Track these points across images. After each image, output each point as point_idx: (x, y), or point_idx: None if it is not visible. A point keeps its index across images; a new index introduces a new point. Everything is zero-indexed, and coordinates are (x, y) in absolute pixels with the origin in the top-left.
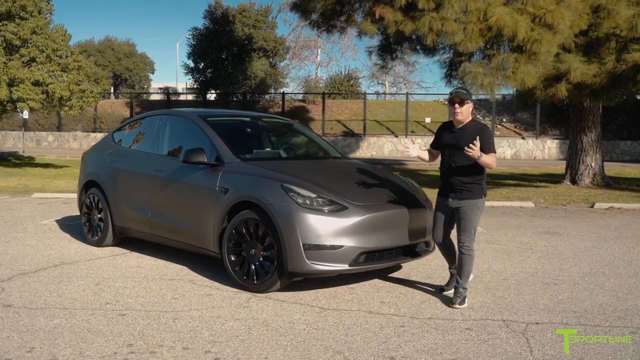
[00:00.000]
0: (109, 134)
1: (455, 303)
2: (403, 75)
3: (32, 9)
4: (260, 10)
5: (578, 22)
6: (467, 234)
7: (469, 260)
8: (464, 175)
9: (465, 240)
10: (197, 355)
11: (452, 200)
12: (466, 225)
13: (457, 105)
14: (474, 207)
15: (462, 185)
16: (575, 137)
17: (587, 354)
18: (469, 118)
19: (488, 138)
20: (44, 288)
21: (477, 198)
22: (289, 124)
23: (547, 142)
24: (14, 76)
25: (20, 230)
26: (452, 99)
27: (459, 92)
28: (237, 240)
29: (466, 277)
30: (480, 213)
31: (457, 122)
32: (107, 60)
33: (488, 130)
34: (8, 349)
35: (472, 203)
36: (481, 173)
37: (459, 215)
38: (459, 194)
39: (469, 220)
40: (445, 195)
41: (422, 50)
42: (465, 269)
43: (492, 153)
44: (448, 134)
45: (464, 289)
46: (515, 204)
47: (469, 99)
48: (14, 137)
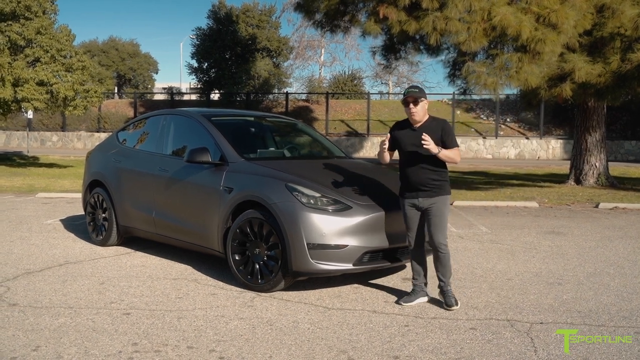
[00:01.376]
0: (113, 134)
1: (452, 304)
2: (407, 75)
3: (36, 9)
4: (264, 10)
5: (582, 21)
6: (442, 232)
7: (449, 258)
8: (432, 172)
9: (441, 238)
10: (201, 354)
11: (422, 199)
12: (440, 222)
13: (412, 105)
14: (445, 203)
15: (432, 183)
16: (580, 137)
17: (592, 354)
18: (426, 116)
19: (449, 133)
20: (49, 287)
21: (446, 194)
22: (293, 123)
23: (551, 142)
24: (18, 76)
25: (25, 229)
26: (405, 99)
27: (411, 92)
28: (241, 239)
29: (450, 274)
30: (448, 210)
31: (414, 121)
32: (111, 60)
33: (448, 125)
34: (14, 347)
35: (443, 199)
36: (446, 168)
37: (431, 214)
38: (429, 192)
39: (442, 217)
40: (413, 196)
41: (425, 50)
42: (447, 268)
43: (455, 147)
44: (408, 133)
45: (450, 287)
46: (519, 204)
47: (422, 97)
48: (18, 137)
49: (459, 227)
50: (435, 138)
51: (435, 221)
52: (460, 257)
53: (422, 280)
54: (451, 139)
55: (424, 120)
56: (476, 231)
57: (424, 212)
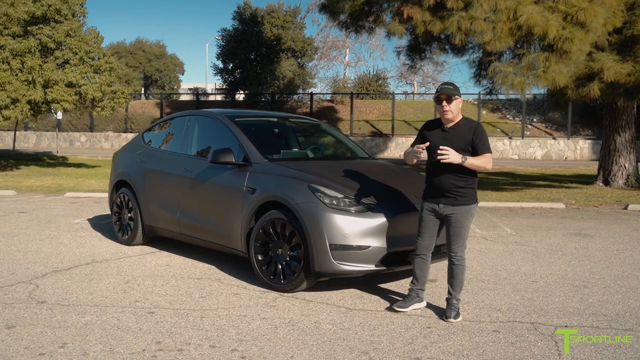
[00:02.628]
0: (139, 135)
1: (450, 317)
2: (432, 75)
3: (66, 12)
4: (289, 10)
5: (612, 19)
6: (460, 243)
7: (462, 271)
8: (457, 178)
9: (458, 249)
10: (224, 354)
11: (443, 206)
12: (459, 233)
13: (445, 103)
14: (467, 214)
15: (456, 190)
16: (608, 137)
17: (619, 357)
18: (460, 116)
19: (482, 137)
20: (76, 285)
21: (471, 204)
22: (316, 124)
23: (579, 143)
24: (48, 78)
25: (54, 228)
26: (438, 96)
27: (445, 89)
28: (264, 240)
29: (460, 288)
30: (471, 220)
31: (446, 120)
32: (138, 62)
33: (481, 128)
34: (42, 344)
35: (465, 209)
36: (475, 176)
37: (450, 223)
38: (452, 199)
39: (462, 228)
40: (435, 200)
41: (451, 50)
42: (458, 280)
43: (486, 154)
44: (438, 133)
45: (457, 301)
46: (545, 205)
47: (457, 95)
48: (48, 138)
49: (484, 228)
50: (466, 141)
51: (455, 231)
52: (484, 258)
53: (420, 287)
54: (483, 144)
55: (456, 121)
56: (501, 232)
57: (443, 219)
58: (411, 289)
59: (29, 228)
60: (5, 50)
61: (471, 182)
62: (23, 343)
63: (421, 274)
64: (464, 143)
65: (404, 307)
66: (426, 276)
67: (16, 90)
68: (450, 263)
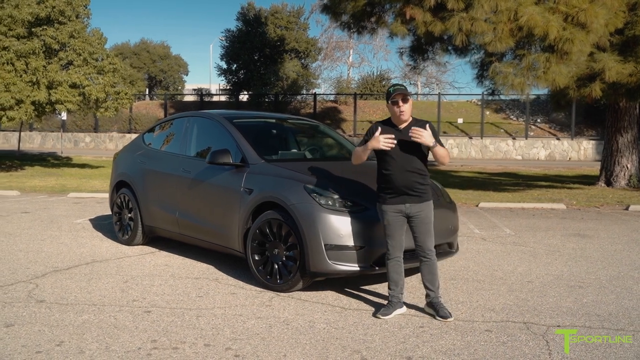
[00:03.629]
0: (139, 136)
1: (448, 317)
2: (435, 76)
3: (70, 13)
4: (293, 11)
5: (614, 20)
6: (431, 239)
7: (437, 266)
8: (419, 176)
9: (430, 244)
10: (217, 352)
11: (409, 205)
12: (429, 229)
13: (401, 103)
14: (431, 209)
15: (419, 188)
16: (611, 138)
17: (609, 356)
18: (410, 117)
19: (435, 133)
20: (75, 285)
21: (430, 199)
22: (314, 125)
23: (583, 143)
24: (52, 79)
25: (56, 228)
26: (394, 97)
27: (399, 89)
28: (261, 240)
29: (438, 284)
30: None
31: (400, 121)
32: (142, 63)
33: (432, 125)
34: (39, 342)
35: (429, 204)
36: (428, 173)
37: (419, 221)
38: (417, 197)
39: (430, 223)
40: (399, 201)
41: (453, 50)
42: (436, 276)
43: (442, 147)
44: (393, 134)
45: (441, 299)
46: (546, 206)
47: (409, 95)
48: (53, 138)
49: (483, 228)
50: None
51: (425, 227)
52: (481, 259)
53: (399, 291)
54: (439, 139)
55: (409, 121)
56: (499, 233)
57: (410, 218)
58: (392, 295)
59: (31, 228)
60: (9, 52)
61: (427, 179)
62: (20, 341)
63: (399, 277)
64: (418, 142)
65: (386, 314)
66: (403, 279)
67: (20, 91)
68: (426, 261)
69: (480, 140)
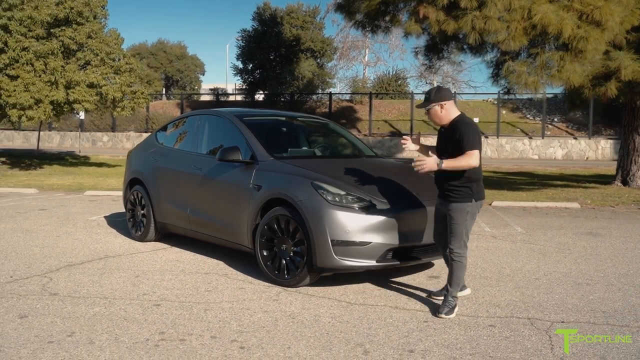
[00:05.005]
0: (152, 134)
1: (442, 313)
2: (452, 75)
3: (88, 14)
4: (308, 11)
5: (629, 18)
6: (456, 239)
7: (459, 268)
8: (450, 177)
9: (454, 245)
10: (223, 344)
11: (442, 203)
12: (454, 229)
13: (426, 112)
14: (462, 212)
15: (450, 188)
16: (627, 137)
17: (609, 353)
18: (450, 117)
19: (464, 134)
20: (88, 279)
21: (465, 202)
22: (324, 123)
23: (601, 142)
24: (70, 79)
25: (71, 225)
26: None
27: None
28: (269, 236)
29: (456, 285)
30: (470, 218)
31: (439, 125)
32: (159, 62)
33: (464, 126)
34: (51, 332)
35: (460, 207)
36: (468, 174)
37: (449, 219)
38: (447, 197)
39: (457, 224)
40: (439, 196)
41: (468, 49)
42: (454, 277)
43: (469, 151)
44: (439, 134)
45: (453, 298)
46: (560, 205)
47: (427, 105)
48: (71, 138)
49: (494, 227)
50: (450, 140)
51: (451, 228)
52: (490, 256)
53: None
54: (466, 141)
55: (450, 121)
56: (511, 231)
57: (444, 213)
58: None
59: (47, 225)
60: (29, 52)
61: (465, 181)
62: (34, 332)
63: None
64: (449, 142)
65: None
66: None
67: (39, 91)
68: (449, 259)
69: (496, 140)
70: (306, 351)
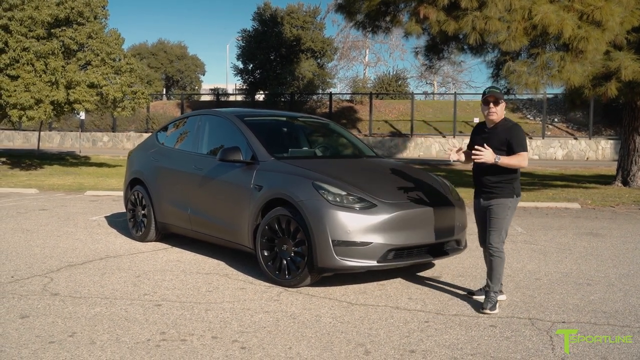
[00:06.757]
0: (153, 134)
1: (486, 308)
2: (452, 75)
3: (88, 14)
4: (309, 11)
5: (630, 18)
6: (496, 233)
7: (499, 263)
8: (493, 175)
9: (493, 240)
10: (224, 344)
11: (483, 200)
12: (495, 223)
13: (492, 105)
14: (503, 206)
15: (492, 185)
16: (628, 137)
17: (610, 353)
18: (502, 117)
19: (517, 137)
20: (89, 279)
21: (507, 197)
22: (325, 123)
23: (601, 143)
24: (71, 79)
25: (72, 225)
26: (486, 98)
27: (493, 92)
28: (270, 236)
29: (497, 280)
30: (511, 213)
31: (490, 122)
32: (159, 63)
33: (517, 128)
34: (52, 332)
35: (501, 202)
36: (512, 172)
37: (489, 214)
38: (488, 194)
39: (498, 219)
40: (478, 196)
41: (468, 50)
42: (495, 272)
43: (521, 152)
44: (480, 135)
45: (495, 294)
46: (560, 205)
47: (502, 99)
48: (72, 138)
49: None
50: (501, 141)
51: (490, 222)
52: None
53: None
54: (517, 143)
55: (497, 122)
56: (511, 231)
57: (486, 212)
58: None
59: (48, 225)
60: (29, 52)
61: (507, 178)
62: (35, 332)
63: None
64: (499, 143)
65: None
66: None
67: (40, 91)
68: (489, 254)
69: None
70: (307, 351)
